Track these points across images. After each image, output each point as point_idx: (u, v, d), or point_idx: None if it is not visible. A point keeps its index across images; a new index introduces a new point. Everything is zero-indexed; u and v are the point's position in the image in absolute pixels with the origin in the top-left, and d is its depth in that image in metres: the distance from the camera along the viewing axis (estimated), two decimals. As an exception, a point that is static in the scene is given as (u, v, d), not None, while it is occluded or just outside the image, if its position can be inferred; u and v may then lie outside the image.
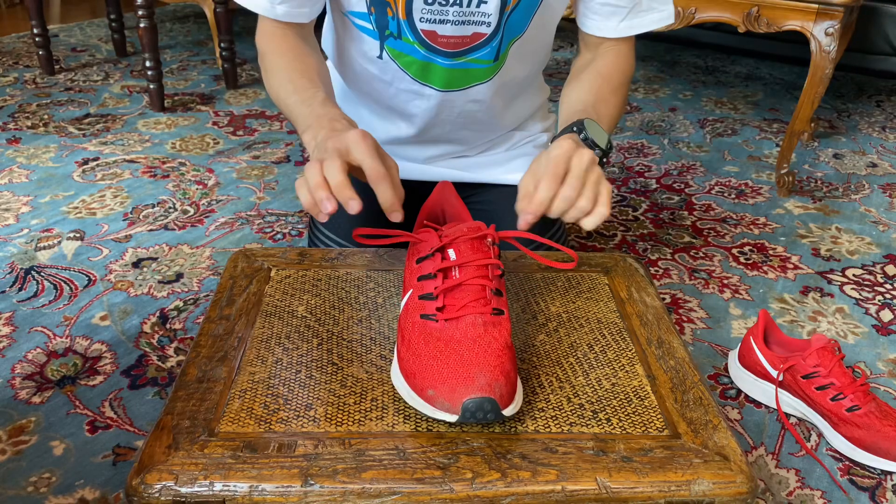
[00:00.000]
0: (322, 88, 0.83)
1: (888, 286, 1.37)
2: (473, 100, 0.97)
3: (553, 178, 0.69)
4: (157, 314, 1.18)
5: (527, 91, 1.06)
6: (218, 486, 0.54)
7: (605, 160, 0.80)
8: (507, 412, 0.59)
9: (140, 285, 1.26)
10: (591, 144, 0.78)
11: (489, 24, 0.88)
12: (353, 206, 0.64)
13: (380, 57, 0.94)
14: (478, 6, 0.86)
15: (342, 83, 1.06)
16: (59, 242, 1.38)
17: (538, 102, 1.11)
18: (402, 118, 1.01)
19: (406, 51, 0.91)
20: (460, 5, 0.86)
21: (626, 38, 0.95)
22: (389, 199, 0.67)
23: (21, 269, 1.30)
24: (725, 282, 1.36)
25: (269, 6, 0.87)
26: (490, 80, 0.95)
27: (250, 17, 3.14)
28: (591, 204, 0.69)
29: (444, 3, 0.86)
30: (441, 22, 0.87)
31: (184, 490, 0.54)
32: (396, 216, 0.68)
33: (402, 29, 0.89)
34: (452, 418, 0.58)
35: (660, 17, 0.93)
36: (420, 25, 0.88)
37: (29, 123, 1.94)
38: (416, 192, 1.07)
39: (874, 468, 0.95)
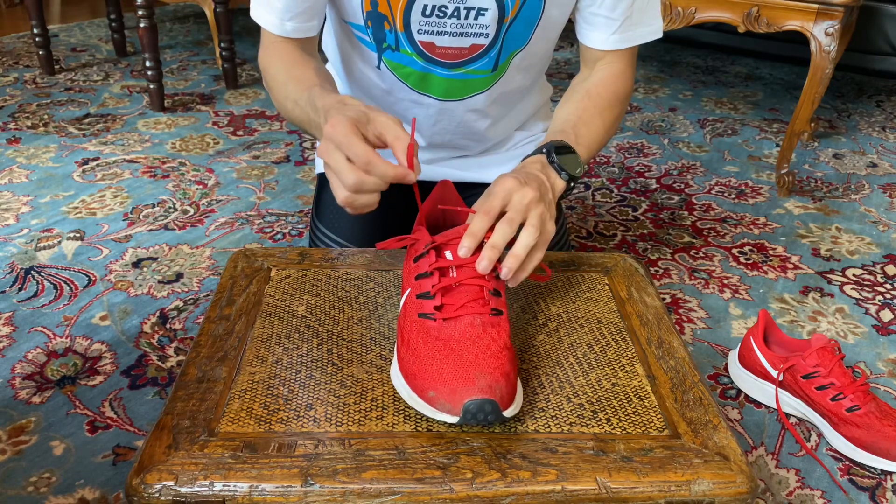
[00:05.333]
0: (316, 85, 0.80)
1: (888, 286, 1.37)
2: (473, 109, 0.98)
3: (486, 213, 0.66)
4: (157, 314, 1.18)
5: (527, 96, 1.06)
6: (218, 486, 0.54)
7: (572, 186, 0.79)
8: (508, 413, 0.59)
9: (140, 285, 1.26)
10: (558, 168, 0.77)
11: (487, 36, 0.88)
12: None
13: (378, 67, 0.94)
14: (475, 18, 0.86)
15: (344, 87, 1.06)
16: (59, 242, 1.38)
17: (539, 103, 1.11)
18: (405, 124, 1.02)
19: (404, 62, 0.91)
20: (458, 17, 0.86)
21: (622, 54, 0.94)
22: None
23: (21, 269, 1.30)
24: (725, 282, 1.36)
25: (278, 23, 0.87)
26: (489, 90, 0.95)
27: (250, 17, 3.13)
28: (538, 231, 0.67)
29: (441, 15, 0.86)
30: (439, 33, 0.88)
31: (184, 490, 0.54)
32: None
33: (400, 41, 0.89)
34: (453, 419, 0.58)
35: (650, 32, 0.94)
36: (418, 37, 0.88)
37: (29, 123, 1.94)
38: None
39: (874, 468, 0.95)
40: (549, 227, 0.69)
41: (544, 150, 0.79)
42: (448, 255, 0.65)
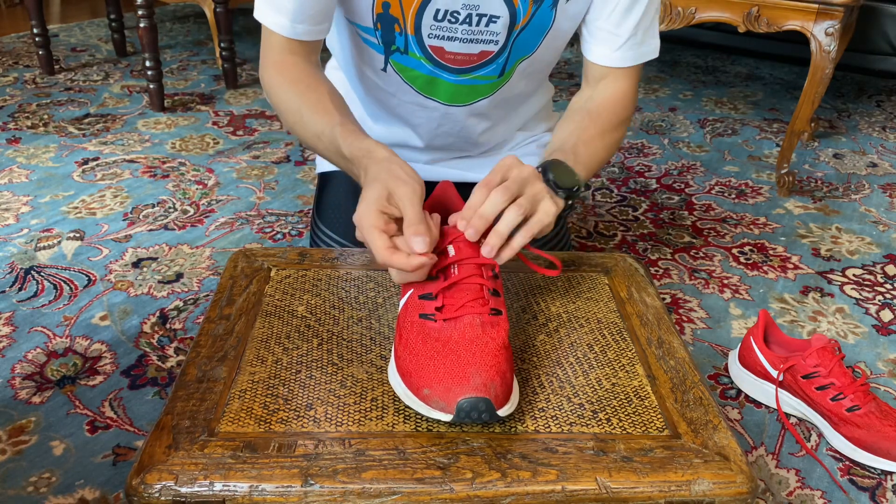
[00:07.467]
0: (337, 124, 0.80)
1: (888, 286, 1.37)
2: (476, 113, 0.97)
3: (485, 185, 0.68)
4: (157, 314, 1.18)
5: (529, 100, 1.06)
6: (218, 486, 0.54)
7: (570, 202, 0.77)
8: (503, 412, 0.59)
9: (140, 285, 1.26)
10: (555, 187, 0.74)
11: (497, 43, 0.88)
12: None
13: (384, 70, 0.93)
14: (486, 25, 0.86)
15: (347, 86, 1.06)
16: (59, 242, 1.38)
17: (541, 103, 1.11)
18: (406, 126, 1.02)
19: (412, 65, 0.91)
20: (469, 24, 0.86)
21: (625, 73, 0.93)
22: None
23: (21, 269, 1.30)
24: (725, 282, 1.36)
25: (289, 25, 0.84)
26: (493, 95, 0.95)
27: (250, 17, 3.14)
28: (528, 211, 0.68)
29: (453, 20, 0.85)
30: (449, 39, 0.87)
31: (184, 490, 0.54)
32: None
33: (410, 44, 0.88)
34: (447, 418, 0.58)
35: (649, 51, 0.94)
36: (428, 41, 0.88)
37: (29, 123, 1.94)
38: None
39: (874, 468, 0.95)
40: (544, 207, 0.70)
41: (539, 169, 0.76)
42: (451, 250, 0.65)
